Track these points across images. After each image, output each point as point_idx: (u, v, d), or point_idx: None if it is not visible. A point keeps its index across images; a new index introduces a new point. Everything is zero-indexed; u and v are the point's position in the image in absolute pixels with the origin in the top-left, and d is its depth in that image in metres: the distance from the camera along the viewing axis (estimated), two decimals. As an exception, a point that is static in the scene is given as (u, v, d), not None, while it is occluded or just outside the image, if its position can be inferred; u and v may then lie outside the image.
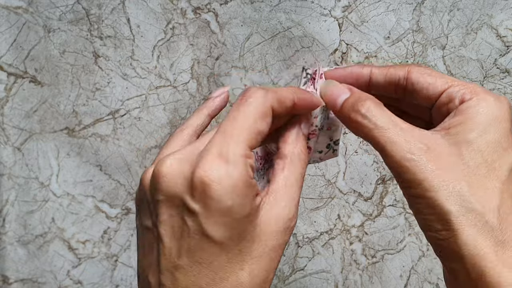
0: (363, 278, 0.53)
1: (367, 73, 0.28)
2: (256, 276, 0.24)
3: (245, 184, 0.23)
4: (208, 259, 0.24)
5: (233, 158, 0.23)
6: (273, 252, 0.24)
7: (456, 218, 0.23)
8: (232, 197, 0.23)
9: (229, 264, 0.24)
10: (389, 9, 0.52)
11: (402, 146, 0.24)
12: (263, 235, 0.24)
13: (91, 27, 0.52)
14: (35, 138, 0.53)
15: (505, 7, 0.52)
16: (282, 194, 0.25)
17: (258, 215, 0.24)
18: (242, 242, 0.24)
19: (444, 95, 0.26)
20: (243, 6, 0.52)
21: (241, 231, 0.24)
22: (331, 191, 0.53)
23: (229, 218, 0.23)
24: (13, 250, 0.53)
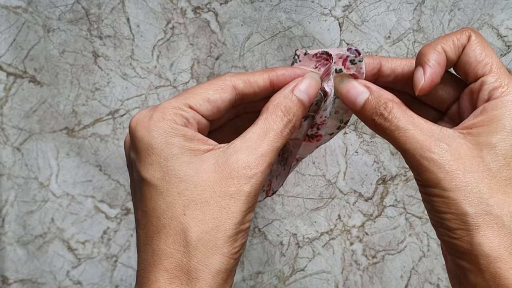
0: (363, 278, 0.53)
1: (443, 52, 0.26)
2: (201, 222, 0.23)
3: (169, 125, 0.24)
4: (150, 204, 0.24)
5: (161, 107, 0.24)
6: (222, 199, 0.23)
7: (473, 219, 0.23)
8: (153, 135, 0.24)
9: (169, 208, 0.23)
10: (390, 9, 0.52)
11: (422, 145, 0.24)
12: (208, 179, 0.23)
13: (91, 27, 0.52)
14: (34, 138, 0.53)
15: (506, 7, 0.51)
16: (241, 143, 0.24)
17: (204, 158, 0.24)
18: (181, 183, 0.23)
19: (479, 81, 0.25)
20: (243, 6, 0.52)
21: (175, 169, 0.23)
22: (331, 191, 0.53)
23: (155, 155, 0.23)
24: (12, 251, 0.53)
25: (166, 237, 0.23)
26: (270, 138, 0.24)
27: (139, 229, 0.25)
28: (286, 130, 0.25)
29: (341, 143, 0.52)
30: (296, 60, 0.28)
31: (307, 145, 0.31)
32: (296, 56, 0.28)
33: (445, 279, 0.52)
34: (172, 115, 0.24)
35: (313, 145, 0.31)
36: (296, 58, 0.28)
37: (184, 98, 0.25)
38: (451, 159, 0.23)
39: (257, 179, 0.24)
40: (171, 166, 0.23)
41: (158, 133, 0.24)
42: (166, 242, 0.23)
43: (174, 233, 0.23)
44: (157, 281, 0.23)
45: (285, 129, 0.25)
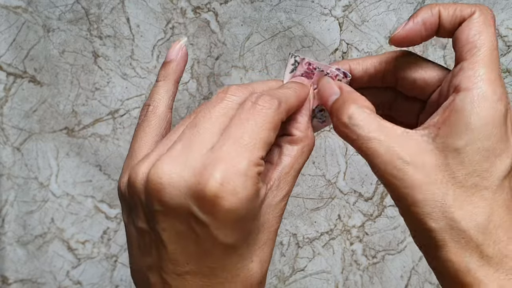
0: (363, 278, 0.53)
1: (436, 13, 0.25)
2: (264, 262, 0.24)
3: (257, 193, 0.22)
4: (220, 262, 0.23)
5: (246, 169, 0.21)
6: (274, 235, 0.25)
7: (439, 235, 0.22)
8: (246, 207, 0.22)
9: (241, 261, 0.24)
10: (390, 9, 0.52)
11: (386, 158, 0.22)
12: (266, 223, 0.24)
13: (91, 27, 0.52)
14: (34, 138, 0.53)
15: (506, 7, 0.51)
16: (284, 182, 0.25)
17: (263, 205, 0.24)
18: (250, 236, 0.24)
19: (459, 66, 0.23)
20: (243, 6, 0.52)
21: (250, 229, 0.24)
22: (331, 191, 0.53)
23: (241, 224, 0.23)
24: (12, 251, 0.53)
25: None
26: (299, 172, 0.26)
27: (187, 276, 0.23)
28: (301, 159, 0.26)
29: (341, 143, 0.52)
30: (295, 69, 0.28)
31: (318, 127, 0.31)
32: (296, 63, 0.28)
33: (445, 279, 0.52)
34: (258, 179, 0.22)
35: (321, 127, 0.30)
36: (296, 64, 0.28)
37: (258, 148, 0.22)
38: (415, 173, 0.22)
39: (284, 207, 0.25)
40: (250, 227, 0.24)
41: (249, 204, 0.22)
42: None
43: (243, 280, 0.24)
44: None
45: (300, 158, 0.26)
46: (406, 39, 0.25)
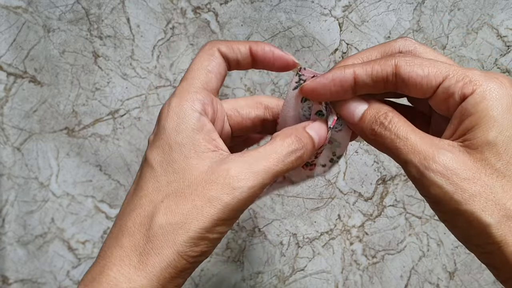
0: (363, 278, 0.53)
1: (350, 75, 0.25)
2: (171, 214, 0.23)
3: (185, 112, 0.25)
4: (140, 183, 0.25)
5: (178, 91, 0.26)
6: (200, 199, 0.23)
7: (498, 229, 0.21)
8: (168, 120, 0.25)
9: (154, 192, 0.24)
10: (390, 9, 0.52)
11: (425, 155, 0.22)
12: (197, 179, 0.24)
13: (91, 27, 0.52)
14: (34, 138, 0.53)
15: (506, 7, 0.51)
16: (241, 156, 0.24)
17: (202, 158, 0.24)
18: (173, 174, 0.24)
19: (440, 90, 0.23)
20: (243, 6, 0.52)
21: (173, 159, 0.24)
22: (331, 191, 0.53)
23: (162, 140, 0.24)
24: (12, 251, 0.53)
25: (136, 217, 0.24)
26: (270, 160, 0.24)
27: (124, 200, 0.26)
28: (290, 158, 0.25)
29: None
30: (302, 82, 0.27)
31: (299, 171, 0.30)
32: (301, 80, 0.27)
33: (444, 279, 0.52)
34: (190, 100, 0.25)
35: (304, 174, 0.30)
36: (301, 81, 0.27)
37: (195, 80, 0.26)
38: (458, 168, 0.22)
39: (241, 193, 0.23)
40: (171, 155, 0.24)
41: (173, 118, 0.25)
42: (134, 221, 0.24)
43: (144, 215, 0.23)
44: (111, 255, 0.23)
45: (289, 156, 0.25)
46: (313, 92, 0.26)
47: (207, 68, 0.27)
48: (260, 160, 0.24)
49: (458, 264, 0.52)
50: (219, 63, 0.27)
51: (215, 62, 0.27)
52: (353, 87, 0.25)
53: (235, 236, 0.53)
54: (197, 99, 0.25)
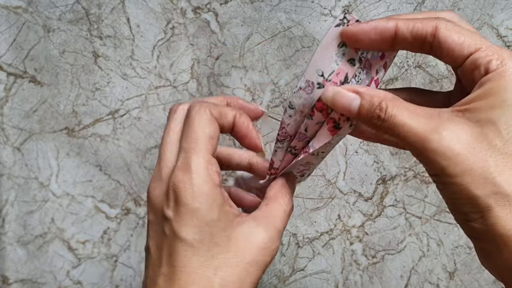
0: (363, 278, 0.53)
1: (392, 27, 0.25)
2: (228, 283, 0.25)
3: (211, 189, 0.26)
4: (182, 261, 0.25)
5: (195, 167, 0.26)
6: (249, 266, 0.26)
7: (484, 201, 0.22)
8: (199, 200, 0.26)
9: (202, 267, 0.25)
10: (390, 9, 0.52)
11: (421, 137, 0.23)
12: (239, 247, 0.26)
13: (91, 27, 0.52)
14: (34, 138, 0.53)
15: (506, 7, 0.51)
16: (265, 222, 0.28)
17: (234, 227, 0.27)
18: (216, 247, 0.26)
19: (469, 60, 0.24)
20: (243, 6, 0.52)
21: (212, 234, 0.26)
22: (331, 191, 0.53)
23: (197, 220, 0.25)
24: (12, 251, 0.53)
25: None
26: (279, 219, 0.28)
27: (162, 280, 0.26)
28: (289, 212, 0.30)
29: (340, 143, 0.52)
30: (344, 24, 0.27)
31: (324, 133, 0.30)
32: (345, 19, 0.27)
33: (444, 279, 0.52)
34: (209, 177, 0.26)
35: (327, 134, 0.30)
36: (344, 21, 0.27)
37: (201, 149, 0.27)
38: (452, 144, 0.22)
39: (275, 251, 0.27)
40: (209, 231, 0.26)
41: (203, 199, 0.26)
42: None
43: None
44: None
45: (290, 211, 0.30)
46: (354, 36, 0.26)
47: (209, 135, 0.27)
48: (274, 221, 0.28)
49: (458, 264, 0.52)
50: (216, 127, 0.28)
51: (214, 127, 0.28)
52: (393, 39, 0.26)
53: (235, 236, 0.53)
54: (214, 173, 0.27)
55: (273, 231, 0.27)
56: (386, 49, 0.27)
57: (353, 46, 0.27)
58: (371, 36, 0.26)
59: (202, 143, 0.27)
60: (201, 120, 0.27)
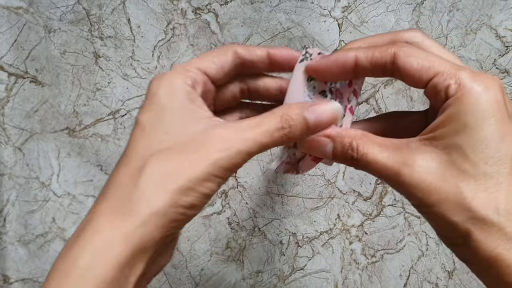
0: (362, 277, 0.53)
1: (352, 58, 0.26)
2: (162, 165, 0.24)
3: (178, 83, 0.26)
4: (131, 144, 0.25)
5: (174, 67, 0.27)
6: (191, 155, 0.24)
7: (463, 227, 0.22)
8: (160, 86, 0.26)
9: (145, 149, 0.25)
10: (389, 10, 0.52)
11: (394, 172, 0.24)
12: (188, 139, 0.25)
13: (92, 28, 0.52)
14: (35, 138, 0.53)
15: (505, 8, 0.52)
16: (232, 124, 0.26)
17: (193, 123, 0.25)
18: (164, 134, 0.25)
19: (429, 86, 0.24)
20: (243, 7, 0.52)
21: (163, 120, 0.25)
22: (330, 191, 0.53)
23: (154, 105, 0.25)
24: (13, 250, 0.53)
25: (125, 170, 0.24)
26: (259, 131, 0.25)
27: (117, 166, 0.26)
28: (277, 134, 0.26)
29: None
30: (307, 58, 0.28)
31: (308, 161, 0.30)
32: (307, 54, 0.28)
33: (443, 278, 0.53)
34: (182, 74, 0.26)
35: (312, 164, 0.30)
36: (307, 56, 0.28)
37: (193, 62, 0.27)
38: (423, 175, 0.23)
39: (229, 153, 0.24)
40: (163, 116, 0.25)
41: (166, 86, 0.26)
42: (124, 174, 0.24)
43: (134, 167, 0.24)
44: (100, 206, 0.24)
45: (276, 132, 0.25)
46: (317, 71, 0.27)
47: (212, 59, 0.28)
48: (250, 129, 0.25)
49: (457, 263, 0.52)
50: (227, 60, 0.28)
51: (223, 57, 0.28)
52: (354, 69, 0.26)
53: (235, 236, 0.53)
54: (189, 76, 0.27)
55: (237, 135, 0.25)
56: (351, 79, 0.27)
57: (320, 80, 0.28)
58: (333, 70, 0.26)
59: (197, 59, 0.28)
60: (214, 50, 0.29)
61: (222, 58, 0.28)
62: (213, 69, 0.28)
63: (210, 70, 0.28)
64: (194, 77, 0.27)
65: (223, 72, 0.28)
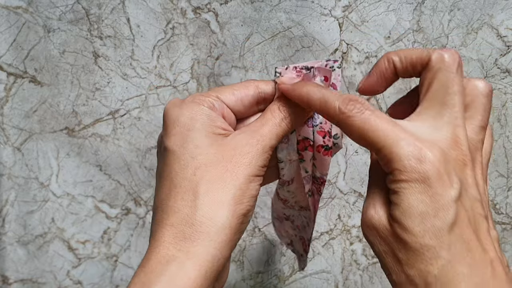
0: (363, 278, 0.53)
1: None
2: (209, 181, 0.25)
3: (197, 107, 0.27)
4: (167, 170, 0.26)
5: (192, 95, 0.28)
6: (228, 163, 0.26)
7: None
8: (182, 112, 0.26)
9: (182, 170, 0.25)
10: (390, 9, 0.52)
11: None
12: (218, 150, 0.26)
13: (91, 27, 0.52)
14: (35, 138, 0.53)
15: (506, 7, 0.51)
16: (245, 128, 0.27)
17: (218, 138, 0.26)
18: (195, 150, 0.26)
19: None
20: (243, 6, 0.52)
21: (191, 139, 0.26)
22: (331, 191, 0.53)
23: (179, 128, 0.26)
24: (13, 250, 0.53)
25: (176, 195, 0.25)
26: (269, 126, 0.27)
27: (155, 196, 0.27)
28: (283, 123, 0.28)
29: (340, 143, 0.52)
30: (278, 76, 0.29)
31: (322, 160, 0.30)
32: (277, 74, 0.28)
33: (444, 279, 0.52)
34: (201, 100, 0.27)
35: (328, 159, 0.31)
36: (277, 75, 0.28)
37: (213, 91, 0.28)
38: None
39: (256, 152, 0.26)
40: (190, 135, 0.26)
41: (186, 110, 0.27)
42: (175, 200, 0.25)
43: (183, 191, 0.25)
44: (163, 236, 0.24)
45: (282, 122, 0.28)
46: (369, 89, 0.28)
47: (232, 91, 0.29)
48: (262, 127, 0.27)
49: (458, 264, 0.52)
50: (247, 93, 0.29)
51: (244, 90, 0.29)
52: None
53: (235, 236, 0.53)
54: (207, 101, 0.27)
55: (252, 136, 0.27)
56: None
57: None
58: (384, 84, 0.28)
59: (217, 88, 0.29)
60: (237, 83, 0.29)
61: (243, 90, 0.29)
62: (233, 100, 0.29)
63: (229, 100, 0.28)
64: (213, 102, 0.28)
65: (243, 104, 0.29)
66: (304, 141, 0.30)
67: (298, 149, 0.30)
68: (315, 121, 0.29)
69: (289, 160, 0.30)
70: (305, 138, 0.29)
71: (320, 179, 0.31)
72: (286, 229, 0.38)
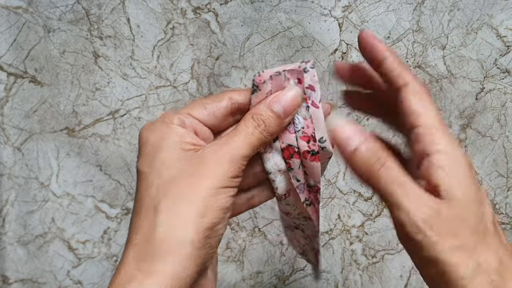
0: (363, 278, 0.53)
1: None
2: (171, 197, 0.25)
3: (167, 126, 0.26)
4: (137, 191, 0.26)
5: (163, 114, 0.27)
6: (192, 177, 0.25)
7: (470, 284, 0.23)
8: (151, 133, 0.26)
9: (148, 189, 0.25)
10: (389, 9, 0.52)
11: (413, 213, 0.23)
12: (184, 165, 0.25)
13: (91, 27, 0.52)
14: (35, 138, 0.53)
15: (506, 7, 0.52)
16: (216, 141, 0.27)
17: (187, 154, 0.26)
18: (161, 167, 0.25)
19: None
20: (243, 6, 0.52)
21: (159, 158, 0.26)
22: (331, 191, 0.53)
23: (149, 149, 0.26)
24: (13, 250, 0.53)
25: (139, 214, 0.25)
26: (242, 136, 0.27)
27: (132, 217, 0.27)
28: (256, 132, 0.27)
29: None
30: (256, 90, 0.28)
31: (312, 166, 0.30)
32: (254, 86, 0.28)
33: (444, 279, 0.52)
34: (170, 118, 0.27)
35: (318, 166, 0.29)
36: (255, 89, 0.28)
37: (184, 108, 0.28)
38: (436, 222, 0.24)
39: (226, 164, 0.25)
40: (158, 155, 0.26)
41: (156, 131, 0.27)
42: (139, 218, 0.25)
43: (147, 210, 0.25)
44: (127, 255, 0.24)
45: (255, 131, 0.27)
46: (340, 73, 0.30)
47: (203, 105, 0.28)
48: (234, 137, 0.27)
49: (458, 264, 0.52)
50: (219, 106, 0.28)
51: (216, 103, 0.28)
52: None
53: (235, 236, 0.53)
54: (177, 118, 0.27)
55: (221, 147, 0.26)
56: None
57: None
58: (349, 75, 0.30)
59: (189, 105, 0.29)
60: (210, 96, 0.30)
61: (215, 104, 0.28)
62: (205, 114, 0.28)
63: (201, 115, 0.28)
64: (183, 119, 0.27)
65: (216, 117, 0.29)
66: (289, 148, 0.28)
67: (284, 157, 0.29)
68: (297, 126, 0.28)
69: (278, 171, 0.29)
70: (289, 145, 0.28)
71: (315, 187, 0.30)
72: (298, 239, 0.37)
